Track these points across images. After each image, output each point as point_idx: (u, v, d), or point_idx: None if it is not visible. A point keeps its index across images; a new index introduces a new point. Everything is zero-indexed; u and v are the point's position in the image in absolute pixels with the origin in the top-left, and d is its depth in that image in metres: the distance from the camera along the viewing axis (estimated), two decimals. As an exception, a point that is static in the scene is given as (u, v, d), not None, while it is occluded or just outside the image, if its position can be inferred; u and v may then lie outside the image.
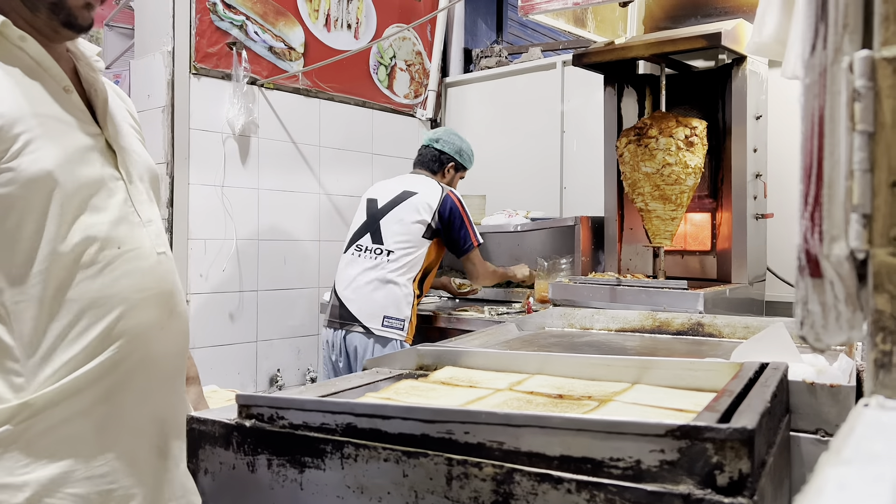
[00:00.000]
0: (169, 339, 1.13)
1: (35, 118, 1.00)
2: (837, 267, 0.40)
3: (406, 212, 2.72)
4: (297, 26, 3.25)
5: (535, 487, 0.66)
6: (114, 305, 1.04)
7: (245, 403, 0.84)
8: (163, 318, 1.11)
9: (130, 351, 1.06)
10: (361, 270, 2.71)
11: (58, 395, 1.00)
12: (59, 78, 1.07)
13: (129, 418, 1.07)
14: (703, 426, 0.60)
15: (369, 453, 0.74)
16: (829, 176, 0.40)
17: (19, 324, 0.99)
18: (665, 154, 2.23)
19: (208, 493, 0.85)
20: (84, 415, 1.02)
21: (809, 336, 0.41)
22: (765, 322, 1.48)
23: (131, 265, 1.07)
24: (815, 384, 0.90)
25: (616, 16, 2.82)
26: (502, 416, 0.69)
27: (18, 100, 0.99)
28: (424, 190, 2.74)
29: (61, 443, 1.01)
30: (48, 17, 1.05)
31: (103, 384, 1.03)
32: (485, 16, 4.29)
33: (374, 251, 2.72)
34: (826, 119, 0.40)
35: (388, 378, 1.12)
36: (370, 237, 2.75)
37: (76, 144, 1.04)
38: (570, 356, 1.06)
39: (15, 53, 1.02)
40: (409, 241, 2.69)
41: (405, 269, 2.68)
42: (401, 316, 2.64)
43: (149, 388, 1.09)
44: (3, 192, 0.97)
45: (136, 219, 1.10)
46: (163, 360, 1.12)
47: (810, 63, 0.41)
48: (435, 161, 2.87)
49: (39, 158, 0.98)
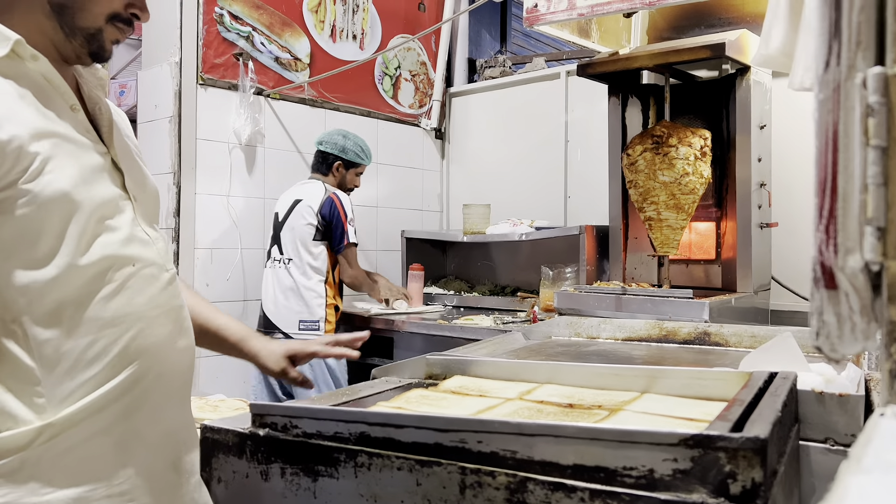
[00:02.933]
0: (180, 354, 1.14)
1: (49, 138, 1.00)
2: (852, 279, 0.41)
3: (296, 219, 2.90)
4: (303, 37, 3.27)
5: (548, 496, 0.67)
6: (131, 323, 1.05)
7: (259, 413, 0.84)
8: (174, 334, 1.12)
9: (147, 368, 1.06)
10: (274, 280, 2.91)
11: (78, 414, 1.00)
12: (68, 96, 1.07)
13: (146, 435, 1.07)
14: (715, 435, 0.61)
15: (383, 462, 0.75)
16: (843, 189, 0.41)
17: (38, 344, 0.99)
18: (684, 163, 2.25)
19: (222, 501, 0.86)
20: (104, 433, 1.02)
21: (825, 346, 0.42)
22: (771, 331, 1.49)
23: (145, 283, 1.08)
24: (824, 393, 0.90)
25: (620, 26, 2.84)
26: (515, 426, 0.70)
27: (31, 119, 1.00)
28: (309, 195, 2.92)
29: (82, 462, 1.00)
30: (81, 44, 1.06)
31: (122, 402, 1.03)
32: (488, 26, 4.32)
33: (281, 261, 2.92)
34: (840, 134, 0.41)
35: (398, 387, 1.13)
36: (277, 248, 2.95)
37: (89, 164, 1.05)
38: (580, 366, 1.06)
39: (26, 72, 1.03)
40: (303, 246, 2.87)
41: (310, 273, 2.87)
42: (314, 318, 2.84)
43: (163, 403, 1.09)
44: (21, 214, 0.97)
45: (144, 237, 1.11)
46: (175, 375, 1.12)
47: (824, 79, 0.42)
48: (322, 163, 3.01)
49: (56, 179, 0.98)
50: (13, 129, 0.96)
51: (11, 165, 0.96)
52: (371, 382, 1.16)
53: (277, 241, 2.95)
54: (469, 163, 3.91)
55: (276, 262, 2.94)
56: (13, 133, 0.96)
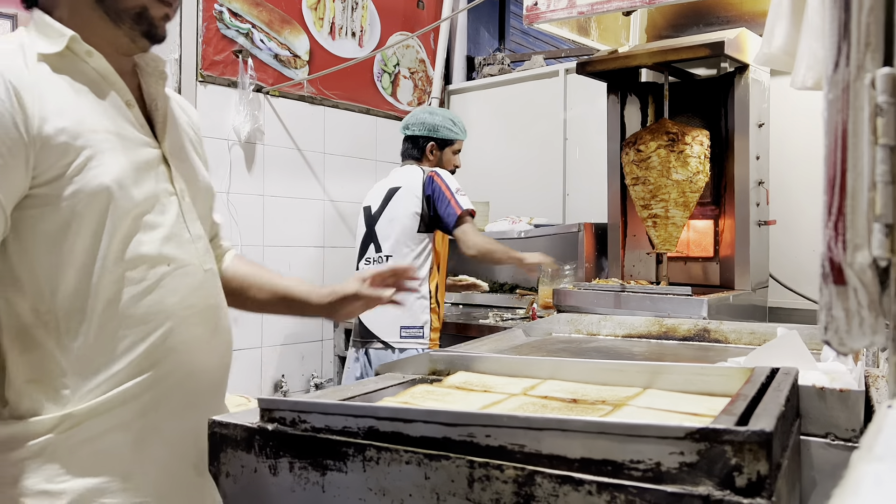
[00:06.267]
0: (212, 354, 1.13)
1: (97, 133, 1.01)
2: (860, 274, 0.42)
3: (396, 209, 2.59)
4: (302, 34, 3.28)
5: (556, 489, 0.67)
6: (161, 322, 1.05)
7: (267, 407, 0.85)
8: (207, 334, 1.12)
9: (174, 367, 1.07)
10: None
11: (99, 407, 1.01)
12: (123, 92, 1.08)
13: (168, 433, 1.07)
14: (721, 429, 0.62)
15: (391, 456, 0.76)
16: (852, 187, 0.42)
17: (69, 336, 1.00)
18: (697, 161, 2.27)
19: (230, 495, 0.87)
20: (123, 428, 1.03)
21: (833, 341, 0.43)
22: (770, 328, 1.50)
23: (179, 282, 1.08)
24: (825, 389, 0.92)
25: (619, 24, 2.85)
26: (523, 420, 0.71)
27: (82, 114, 1.01)
28: (407, 181, 2.61)
29: (100, 454, 1.02)
30: (130, 27, 1.07)
31: (144, 399, 1.04)
32: (487, 24, 4.32)
33: (378, 260, 2.61)
34: (849, 133, 0.42)
35: (403, 383, 1.13)
36: (373, 247, 2.65)
37: (135, 160, 1.05)
38: (583, 361, 1.07)
39: (81, 68, 1.04)
40: (406, 241, 2.55)
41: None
42: (418, 323, 2.52)
43: (188, 403, 1.09)
44: (64, 206, 0.98)
45: (186, 235, 1.11)
46: (204, 375, 1.12)
47: (834, 79, 0.43)
48: (413, 148, 2.74)
49: (100, 174, 1.00)
50: (62, 123, 0.98)
51: (57, 159, 0.97)
52: (374, 378, 1.17)
53: (373, 238, 2.63)
54: (467, 160, 3.91)
55: (371, 263, 2.61)
56: (61, 127, 0.98)
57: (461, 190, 2.57)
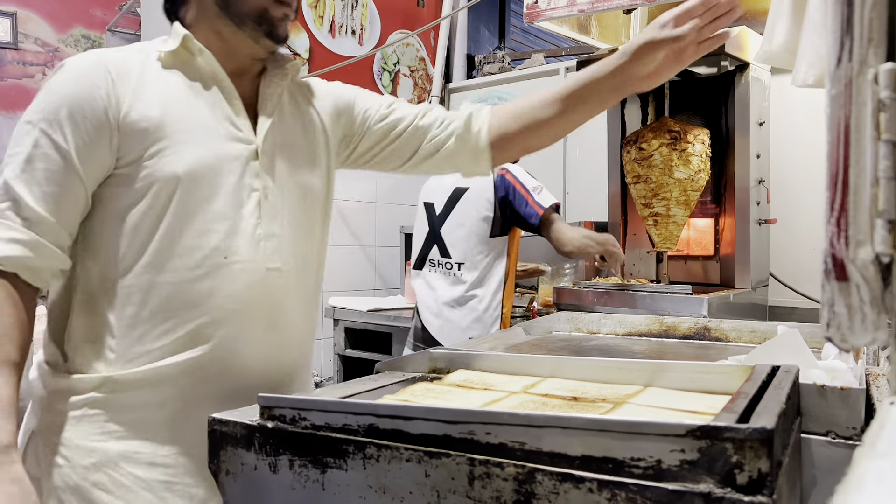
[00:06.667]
0: (262, 353, 1.15)
1: (182, 124, 1.08)
2: (863, 270, 0.42)
3: (464, 213, 2.38)
4: (302, 32, 3.27)
5: (556, 487, 0.67)
6: (206, 311, 1.10)
7: (267, 405, 0.85)
8: (257, 332, 1.14)
9: (215, 357, 1.11)
10: (437, 288, 2.41)
11: (138, 378, 1.07)
12: (227, 90, 1.14)
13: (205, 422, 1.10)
14: (723, 426, 0.62)
15: (391, 454, 0.76)
16: (854, 183, 0.42)
17: (123, 306, 1.08)
18: (699, 160, 2.27)
19: (229, 493, 0.87)
20: (159, 406, 1.09)
21: (835, 337, 0.43)
22: (771, 326, 1.50)
23: (233, 276, 1.11)
24: (826, 387, 0.91)
25: (619, 23, 2.85)
26: (524, 417, 0.70)
27: (174, 106, 1.08)
28: (475, 181, 2.36)
29: (134, 424, 1.08)
30: (253, 28, 1.13)
31: (182, 382, 1.09)
32: (487, 22, 4.32)
33: (444, 265, 2.40)
34: (852, 129, 0.42)
35: (402, 381, 1.13)
36: (437, 250, 2.45)
37: (220, 153, 1.11)
38: (583, 359, 1.07)
39: (192, 65, 1.12)
40: (477, 248, 2.36)
41: (483, 281, 2.35)
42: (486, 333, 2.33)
43: (230, 396, 1.11)
44: (138, 188, 1.06)
45: (257, 231, 1.13)
46: (250, 372, 1.14)
47: (836, 75, 0.43)
48: None
49: (173, 162, 1.06)
50: (149, 112, 1.06)
51: (136, 143, 1.05)
52: (375, 376, 1.17)
53: (437, 239, 2.43)
54: (467, 159, 3.91)
55: (438, 267, 2.42)
56: (146, 115, 1.06)
57: (538, 187, 2.35)
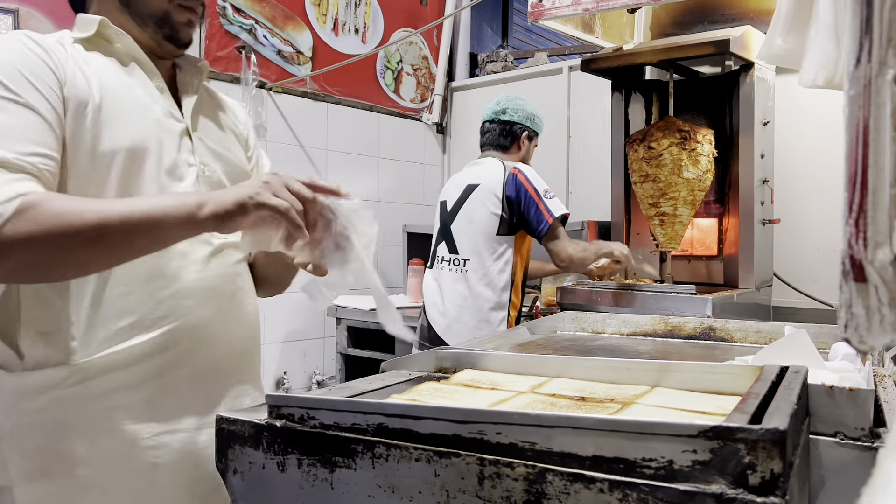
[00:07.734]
0: (229, 336, 1.16)
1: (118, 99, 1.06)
2: (881, 271, 0.42)
3: (473, 208, 2.35)
4: (305, 30, 3.27)
5: (567, 487, 0.67)
6: (164, 285, 1.08)
7: (275, 404, 0.85)
8: (222, 313, 1.14)
9: (182, 336, 1.09)
10: (444, 286, 2.38)
11: (109, 363, 1.04)
12: (151, 71, 1.13)
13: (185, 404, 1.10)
14: (735, 427, 0.62)
15: (401, 453, 0.76)
16: (873, 184, 0.42)
17: (80, 288, 1.04)
18: (707, 160, 2.28)
19: (238, 492, 0.86)
20: (134, 389, 1.06)
21: (853, 338, 0.43)
22: (776, 326, 1.49)
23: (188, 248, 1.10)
24: (835, 388, 0.91)
25: (624, 22, 2.84)
26: (534, 417, 0.70)
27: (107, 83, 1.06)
28: (487, 177, 2.36)
29: (109, 412, 1.05)
30: (154, 30, 1.12)
31: (153, 363, 1.07)
32: (490, 21, 4.32)
33: (451, 262, 2.38)
34: (871, 129, 0.42)
35: (409, 380, 1.13)
36: (446, 245, 2.42)
37: (157, 128, 1.10)
38: (590, 359, 1.07)
39: (112, 49, 1.11)
40: (486, 244, 2.33)
41: (491, 279, 2.31)
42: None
43: (206, 379, 1.12)
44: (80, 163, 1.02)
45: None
46: (220, 356, 1.15)
47: (855, 75, 0.42)
48: (505, 135, 2.47)
49: (116, 136, 1.04)
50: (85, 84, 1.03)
51: (78, 115, 1.01)
52: (381, 375, 1.16)
53: (447, 237, 2.40)
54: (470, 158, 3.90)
55: (445, 264, 2.39)
56: (84, 87, 1.03)
57: (550, 191, 2.32)
